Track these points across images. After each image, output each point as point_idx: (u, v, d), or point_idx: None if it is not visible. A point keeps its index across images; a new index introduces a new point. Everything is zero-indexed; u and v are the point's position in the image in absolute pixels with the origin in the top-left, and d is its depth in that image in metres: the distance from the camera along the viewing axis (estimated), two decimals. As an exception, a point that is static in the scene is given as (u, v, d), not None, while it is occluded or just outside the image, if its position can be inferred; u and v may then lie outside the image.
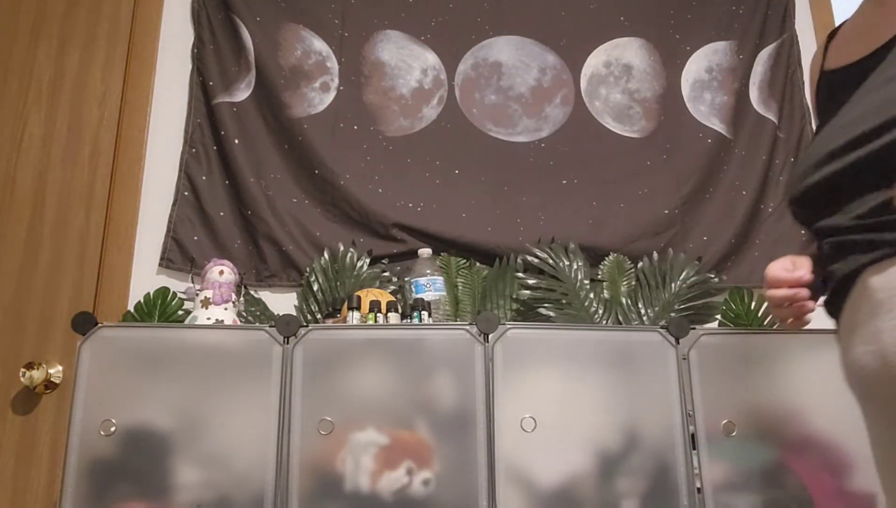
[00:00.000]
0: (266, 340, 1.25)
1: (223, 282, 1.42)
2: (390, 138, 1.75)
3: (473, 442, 1.20)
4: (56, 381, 1.54)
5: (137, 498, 1.17)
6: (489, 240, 1.68)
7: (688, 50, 1.89)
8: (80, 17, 1.78)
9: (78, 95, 1.73)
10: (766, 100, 1.89)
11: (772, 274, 0.92)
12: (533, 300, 1.57)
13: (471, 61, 1.83)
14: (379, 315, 1.36)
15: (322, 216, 1.69)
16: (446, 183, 1.73)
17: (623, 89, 1.84)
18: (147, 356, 1.25)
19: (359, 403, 1.23)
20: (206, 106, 1.74)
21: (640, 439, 1.23)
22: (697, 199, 1.77)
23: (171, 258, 1.64)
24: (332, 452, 1.20)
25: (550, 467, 1.21)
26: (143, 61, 1.77)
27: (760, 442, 1.25)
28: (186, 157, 1.71)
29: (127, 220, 1.66)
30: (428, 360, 1.26)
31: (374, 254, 1.65)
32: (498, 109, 1.80)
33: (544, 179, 1.75)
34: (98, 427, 1.19)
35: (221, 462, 1.20)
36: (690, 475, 1.21)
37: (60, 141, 1.70)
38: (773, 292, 0.91)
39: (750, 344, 1.30)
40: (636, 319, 1.57)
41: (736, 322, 1.57)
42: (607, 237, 1.69)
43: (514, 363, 1.25)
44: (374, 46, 1.81)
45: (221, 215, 1.68)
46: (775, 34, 1.93)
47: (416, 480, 1.19)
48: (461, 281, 1.64)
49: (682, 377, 1.26)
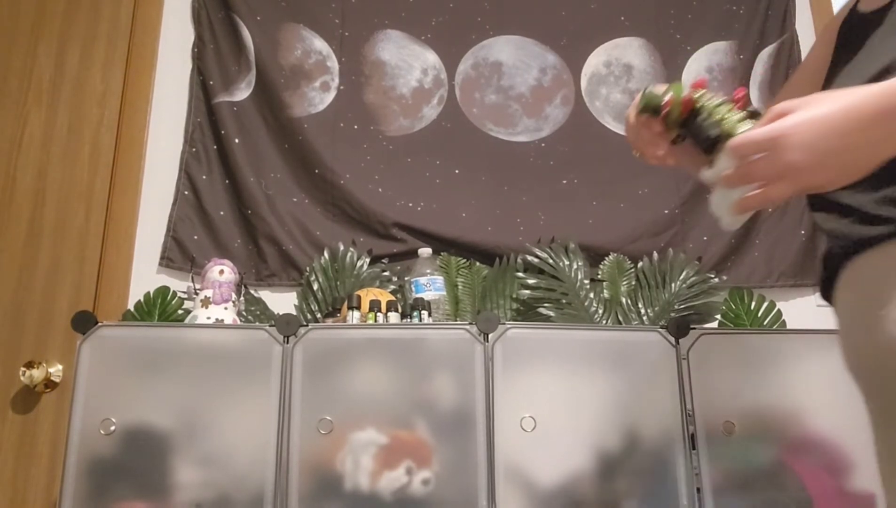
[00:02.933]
0: (266, 339, 1.25)
1: (223, 281, 1.42)
2: (390, 138, 1.75)
3: (473, 442, 1.20)
4: (56, 380, 1.54)
5: (137, 497, 1.17)
6: (489, 240, 1.68)
7: (688, 50, 1.89)
8: (81, 17, 1.78)
9: (78, 95, 1.73)
10: (767, 100, 1.88)
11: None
12: (533, 300, 1.57)
13: (471, 61, 1.83)
14: (379, 315, 1.36)
15: (322, 216, 1.69)
16: (446, 183, 1.73)
17: (623, 89, 1.84)
18: (147, 356, 1.25)
19: (358, 402, 1.23)
20: (206, 105, 1.74)
21: (639, 439, 1.23)
22: (697, 199, 1.77)
23: (171, 258, 1.64)
24: (332, 451, 1.20)
25: (550, 467, 1.21)
26: (143, 61, 1.76)
27: (760, 442, 1.25)
28: (186, 156, 1.71)
29: (127, 219, 1.66)
30: (428, 360, 1.26)
31: (374, 254, 1.65)
32: (498, 108, 1.80)
33: (544, 179, 1.75)
34: (98, 427, 1.19)
35: (221, 461, 1.20)
36: (690, 475, 1.21)
37: (60, 141, 1.70)
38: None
39: (750, 344, 1.30)
40: (636, 319, 1.57)
41: (736, 322, 1.57)
42: (607, 237, 1.69)
43: (514, 362, 1.25)
44: (375, 46, 1.81)
45: (221, 214, 1.68)
46: (776, 34, 1.93)
47: (415, 480, 1.19)
48: (461, 281, 1.64)
49: (682, 377, 1.26)
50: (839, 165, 0.64)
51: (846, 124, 0.63)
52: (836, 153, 0.63)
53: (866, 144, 0.63)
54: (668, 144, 0.86)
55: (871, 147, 0.63)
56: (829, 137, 0.63)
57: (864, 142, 0.63)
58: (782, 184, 0.66)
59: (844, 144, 0.63)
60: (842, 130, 0.63)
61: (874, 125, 0.63)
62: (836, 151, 0.63)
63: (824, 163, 0.64)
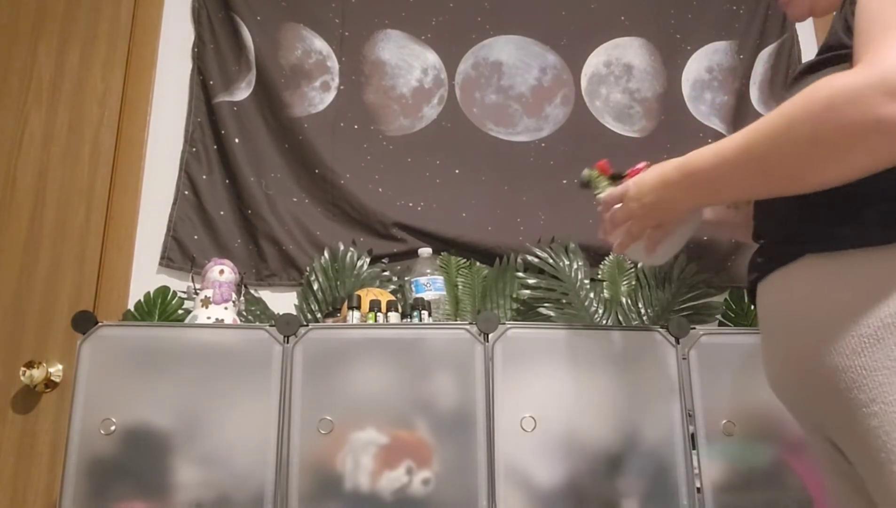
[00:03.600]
0: (266, 339, 1.25)
1: (223, 281, 1.42)
2: (390, 138, 1.75)
3: (473, 442, 1.21)
4: (56, 380, 1.54)
5: (137, 497, 1.17)
6: (489, 239, 1.68)
7: (688, 50, 1.89)
8: (81, 17, 1.78)
9: (78, 95, 1.73)
10: (767, 100, 1.88)
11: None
12: (533, 300, 1.57)
13: (471, 61, 1.83)
14: (379, 315, 1.36)
15: (322, 216, 1.69)
16: (446, 182, 1.73)
17: (623, 89, 1.84)
18: (147, 356, 1.25)
19: (359, 402, 1.23)
20: (206, 105, 1.74)
21: (640, 439, 1.23)
22: (698, 199, 1.77)
23: (171, 257, 1.64)
24: (332, 451, 1.20)
25: (550, 466, 1.21)
26: (143, 60, 1.76)
27: (760, 442, 1.25)
28: (187, 156, 1.71)
29: (127, 219, 1.66)
30: (428, 359, 1.26)
31: (375, 253, 1.65)
32: (498, 108, 1.80)
33: (544, 179, 1.75)
34: (98, 426, 1.20)
35: (221, 461, 1.20)
36: (690, 475, 1.21)
37: (61, 140, 1.70)
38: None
39: (750, 344, 1.30)
40: (636, 319, 1.57)
41: (736, 322, 1.57)
42: (607, 237, 1.69)
43: (514, 362, 1.25)
44: (375, 46, 1.81)
45: (221, 214, 1.68)
46: (776, 34, 1.93)
47: (415, 479, 1.19)
48: (461, 281, 1.64)
49: (682, 377, 1.26)
50: (657, 211, 0.96)
51: (658, 183, 0.94)
52: (652, 204, 0.95)
53: (670, 198, 0.93)
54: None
55: (672, 201, 0.93)
56: (646, 194, 0.96)
57: (669, 197, 0.93)
58: (633, 223, 1.01)
59: (656, 197, 0.94)
60: (654, 187, 0.94)
61: (673, 186, 0.91)
62: (652, 202, 0.95)
63: (646, 209, 0.97)
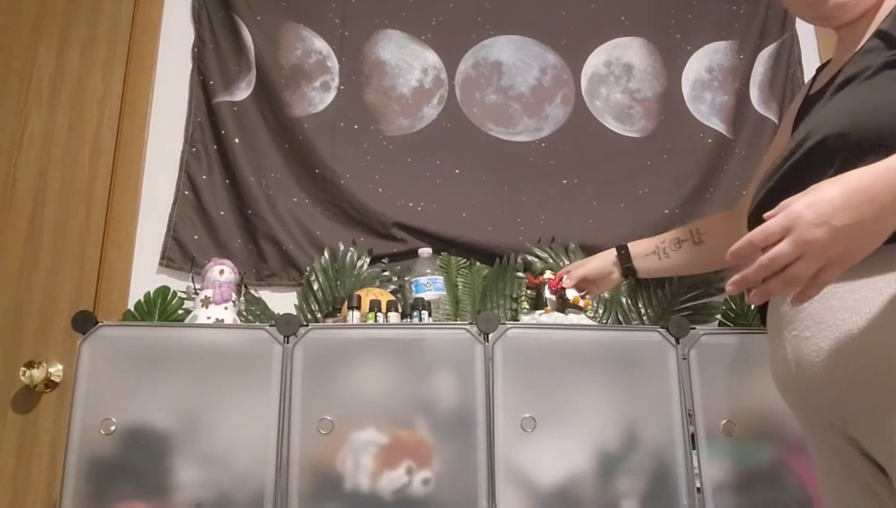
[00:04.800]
0: (266, 339, 1.25)
1: (223, 281, 1.42)
2: (390, 138, 1.75)
3: (473, 442, 1.20)
4: (56, 380, 1.54)
5: (137, 497, 1.17)
6: (489, 239, 1.68)
7: (688, 50, 1.89)
8: (81, 17, 1.78)
9: (78, 95, 1.73)
10: (767, 100, 1.88)
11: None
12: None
13: (471, 61, 1.83)
14: (379, 315, 1.36)
15: (322, 216, 1.69)
16: (446, 182, 1.73)
17: (623, 89, 1.84)
18: (147, 355, 1.25)
19: (359, 402, 1.23)
20: (206, 105, 1.74)
21: (640, 439, 1.23)
22: (697, 199, 1.77)
23: (171, 257, 1.64)
24: (332, 451, 1.20)
25: (550, 467, 1.21)
26: (143, 60, 1.76)
27: (760, 442, 1.25)
28: (187, 156, 1.71)
29: (127, 219, 1.66)
30: (428, 359, 1.26)
31: (375, 253, 1.65)
32: (498, 108, 1.80)
33: (544, 179, 1.75)
34: (98, 426, 1.20)
35: (221, 461, 1.20)
36: (690, 475, 1.21)
37: (61, 140, 1.70)
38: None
39: (750, 344, 1.30)
40: (636, 319, 1.57)
41: (736, 322, 1.57)
42: (607, 237, 1.69)
43: (514, 362, 1.25)
44: (375, 46, 1.81)
45: (222, 214, 1.68)
46: (776, 34, 1.93)
47: (415, 479, 1.19)
48: (461, 281, 1.64)
49: (682, 377, 1.26)
50: (851, 238, 0.68)
51: (854, 199, 0.67)
52: (847, 227, 0.67)
53: (874, 218, 0.67)
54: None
55: (881, 220, 0.68)
56: (839, 213, 0.67)
57: (872, 214, 0.67)
58: (803, 262, 0.68)
59: (854, 216, 0.67)
60: (850, 204, 0.67)
61: (880, 198, 0.67)
62: (847, 225, 0.67)
63: (838, 236, 0.67)
